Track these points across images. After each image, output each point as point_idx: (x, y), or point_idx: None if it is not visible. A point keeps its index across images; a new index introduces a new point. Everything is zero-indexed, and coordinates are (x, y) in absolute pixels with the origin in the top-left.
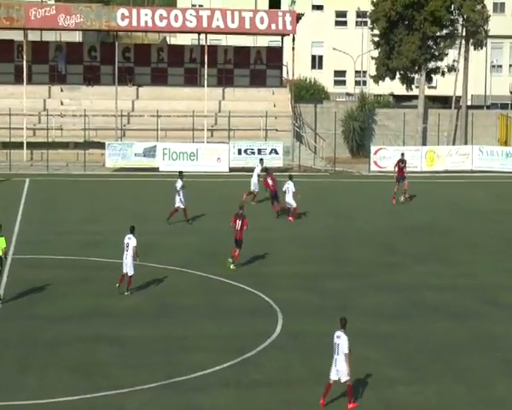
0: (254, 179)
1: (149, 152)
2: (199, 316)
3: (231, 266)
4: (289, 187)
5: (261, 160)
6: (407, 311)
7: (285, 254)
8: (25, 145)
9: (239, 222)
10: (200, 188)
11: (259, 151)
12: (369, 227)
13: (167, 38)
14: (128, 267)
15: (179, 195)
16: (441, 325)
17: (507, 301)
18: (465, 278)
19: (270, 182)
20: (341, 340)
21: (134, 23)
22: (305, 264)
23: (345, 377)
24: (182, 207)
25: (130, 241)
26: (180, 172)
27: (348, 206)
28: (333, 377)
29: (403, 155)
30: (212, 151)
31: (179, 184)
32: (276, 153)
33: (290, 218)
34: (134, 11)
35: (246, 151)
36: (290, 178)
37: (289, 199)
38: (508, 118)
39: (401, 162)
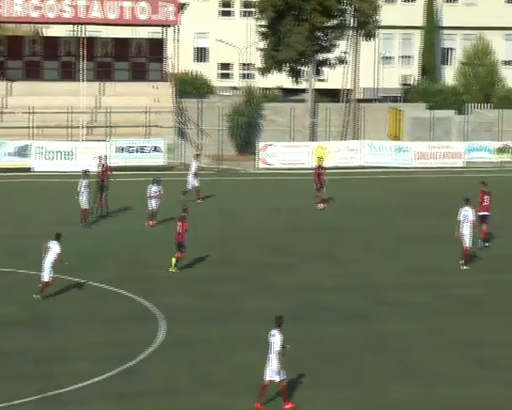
0: (190, 177)
1: (22, 151)
2: (77, 325)
3: (173, 270)
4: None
5: (197, 155)
6: (298, 314)
7: (169, 257)
8: None
9: (180, 224)
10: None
11: (141, 149)
12: (257, 227)
13: (41, 30)
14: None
15: (82, 196)
16: (334, 327)
17: (399, 300)
18: (357, 278)
19: None
20: (275, 338)
21: (5, 13)
22: (190, 266)
23: (278, 377)
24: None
25: (54, 247)
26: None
27: (235, 205)
28: (267, 377)
29: (321, 159)
30: (90, 150)
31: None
32: (159, 151)
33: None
34: (6, 0)
35: (126, 149)
36: (156, 182)
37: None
38: (399, 111)
39: (320, 169)
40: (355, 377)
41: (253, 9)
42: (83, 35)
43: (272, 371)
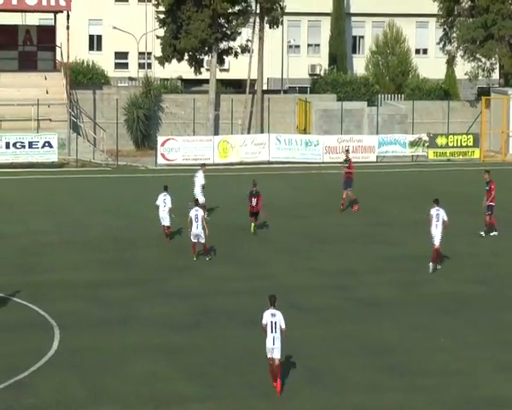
0: (198, 189)
1: None
2: None
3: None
4: None
5: (203, 164)
6: (199, 319)
7: (61, 260)
8: None
9: (254, 200)
10: None
11: (30, 144)
12: (155, 228)
13: None
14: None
15: None
16: (237, 333)
17: (307, 303)
18: (262, 280)
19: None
20: (278, 317)
21: None
22: (84, 270)
23: (279, 355)
24: None
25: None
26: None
27: (132, 204)
28: (275, 355)
29: (347, 151)
30: None
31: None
32: (50, 146)
33: None
34: None
35: (15, 145)
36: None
37: None
38: (307, 103)
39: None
40: (260, 386)
41: None
42: None
43: (276, 350)
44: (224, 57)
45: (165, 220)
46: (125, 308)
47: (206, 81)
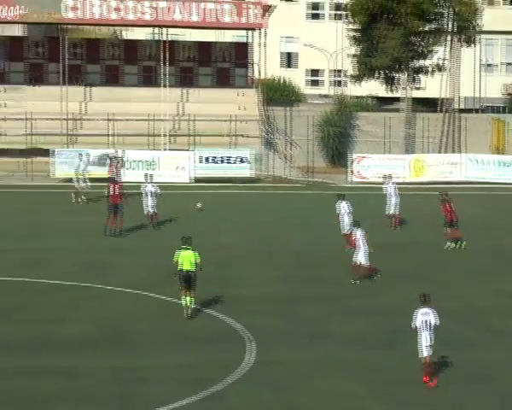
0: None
1: (102, 160)
2: (157, 344)
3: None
4: None
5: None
6: (392, 337)
7: (254, 274)
8: None
9: (448, 206)
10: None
11: (226, 159)
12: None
13: (121, 32)
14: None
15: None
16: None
17: (501, 326)
18: (454, 301)
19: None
20: (431, 315)
21: (85, 15)
22: (276, 285)
23: (431, 352)
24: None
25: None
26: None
27: (323, 221)
28: (425, 354)
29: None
30: (172, 159)
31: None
32: (244, 162)
33: None
34: (84, 2)
35: (211, 159)
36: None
37: None
38: (502, 123)
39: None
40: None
41: (343, 12)
42: (164, 38)
43: (430, 348)
44: (418, 76)
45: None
46: (317, 324)
47: (399, 99)
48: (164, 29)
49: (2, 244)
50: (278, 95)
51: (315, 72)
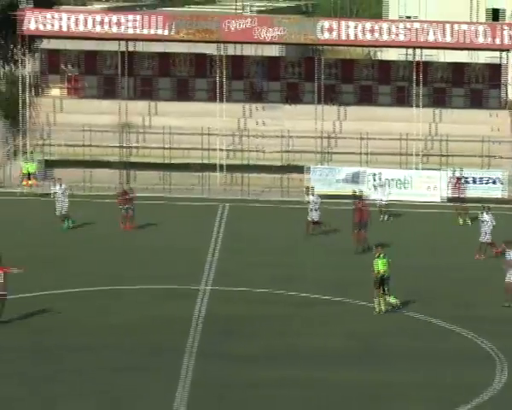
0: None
1: (354, 178)
2: (405, 360)
3: None
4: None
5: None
6: None
7: (495, 295)
8: (218, 168)
9: None
10: (410, 219)
11: (478, 180)
12: None
13: (375, 53)
14: None
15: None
16: None
17: None
18: None
19: None
20: None
21: (340, 36)
22: None
23: None
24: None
25: None
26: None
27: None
28: None
29: None
30: (425, 179)
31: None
32: (496, 182)
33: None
34: (340, 23)
35: (463, 180)
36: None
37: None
38: None
39: None
40: None
41: None
42: (417, 59)
43: None
44: None
45: None
46: None
47: None
48: (418, 50)
49: (256, 258)
50: None
51: None
